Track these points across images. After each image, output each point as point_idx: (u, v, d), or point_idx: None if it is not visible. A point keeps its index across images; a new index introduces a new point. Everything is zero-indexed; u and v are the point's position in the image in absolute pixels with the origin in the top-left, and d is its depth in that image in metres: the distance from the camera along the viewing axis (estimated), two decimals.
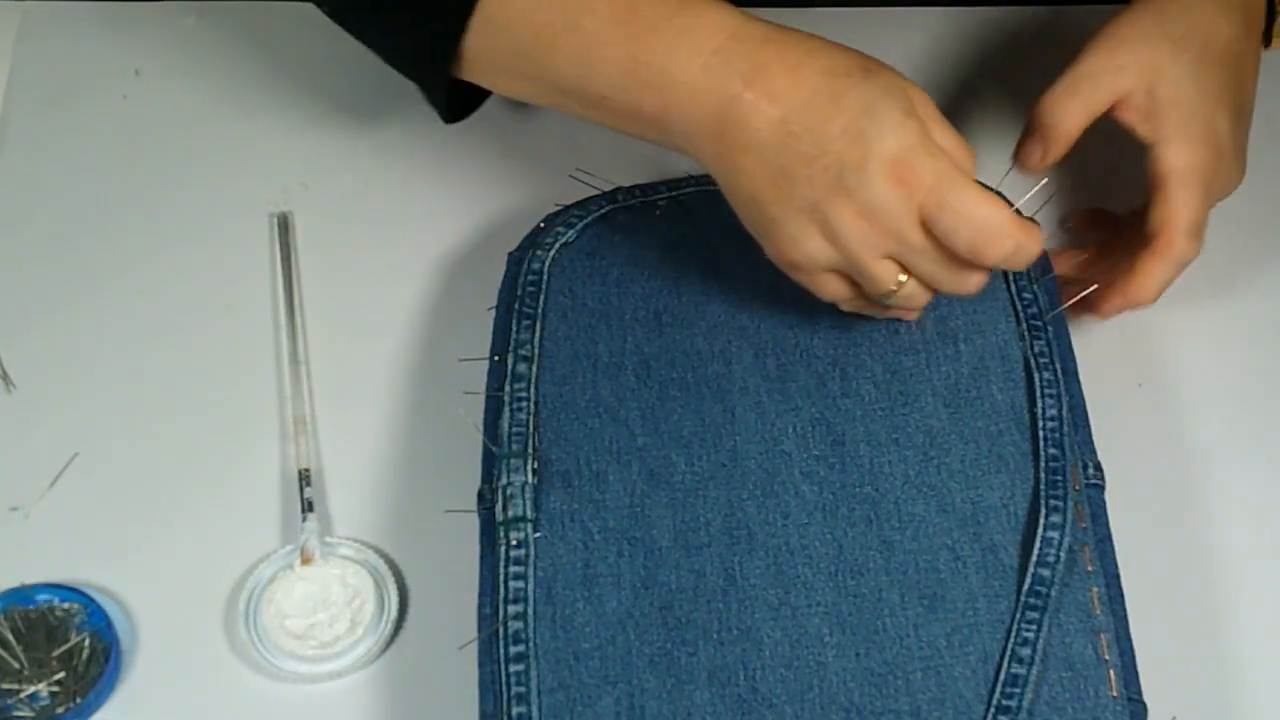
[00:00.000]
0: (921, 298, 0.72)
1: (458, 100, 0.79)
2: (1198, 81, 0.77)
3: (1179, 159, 0.77)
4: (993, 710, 0.67)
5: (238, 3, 0.98)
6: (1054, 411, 0.75)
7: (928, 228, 0.68)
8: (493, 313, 0.79)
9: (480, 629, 0.69)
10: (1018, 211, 0.69)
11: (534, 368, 0.76)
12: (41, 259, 0.87)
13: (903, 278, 0.70)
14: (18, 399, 0.82)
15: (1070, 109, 0.78)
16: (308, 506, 0.77)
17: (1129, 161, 0.80)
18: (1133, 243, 0.80)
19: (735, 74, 0.68)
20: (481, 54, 0.74)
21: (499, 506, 0.71)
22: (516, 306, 0.78)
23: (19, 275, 0.87)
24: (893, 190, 0.67)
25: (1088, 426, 0.77)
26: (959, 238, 0.67)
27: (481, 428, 0.75)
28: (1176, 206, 0.77)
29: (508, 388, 0.75)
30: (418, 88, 0.79)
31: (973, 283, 0.71)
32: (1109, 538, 0.73)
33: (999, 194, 0.71)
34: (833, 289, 0.72)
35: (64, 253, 0.87)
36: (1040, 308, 0.79)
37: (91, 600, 0.74)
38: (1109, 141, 0.80)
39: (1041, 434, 0.74)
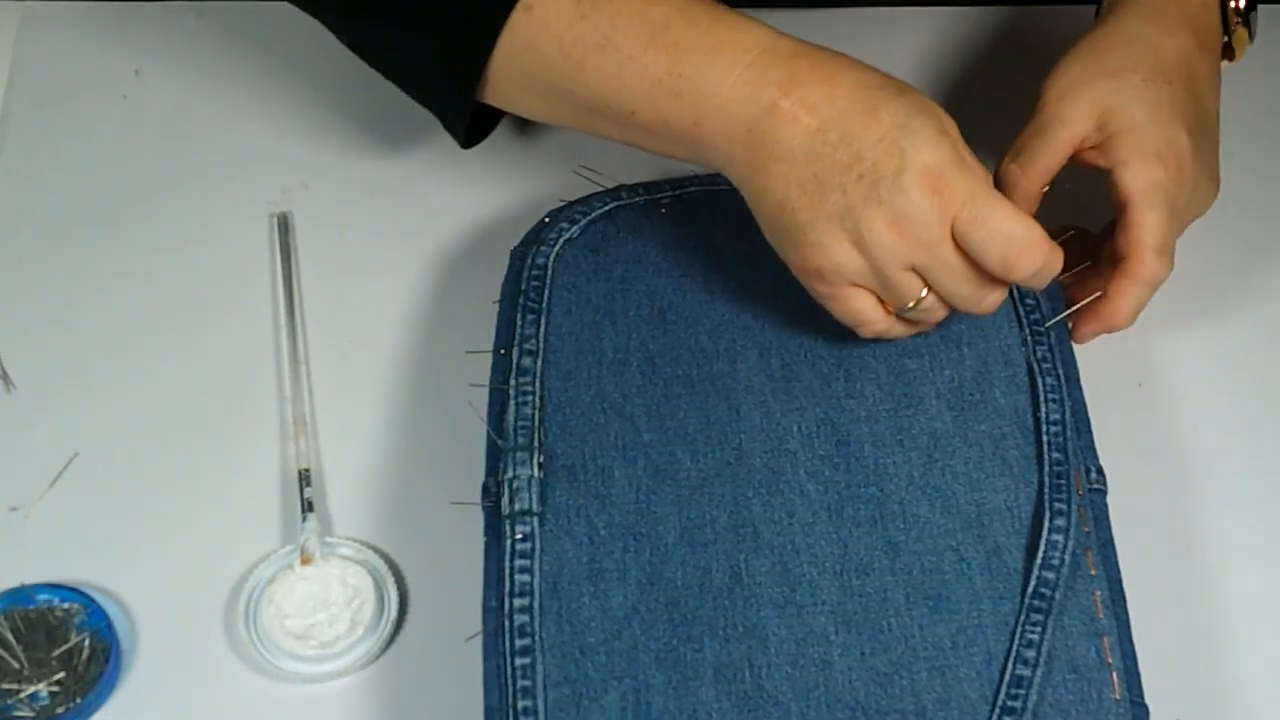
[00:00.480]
0: (938, 312, 0.73)
1: (474, 124, 0.79)
2: (1148, 102, 0.77)
3: (1138, 179, 0.76)
4: (998, 711, 0.67)
5: (238, 3, 0.98)
6: (1057, 416, 0.75)
7: (957, 242, 0.68)
8: (494, 310, 0.79)
9: (486, 622, 0.69)
10: None
11: (539, 362, 0.76)
12: (41, 259, 0.87)
13: (924, 292, 0.71)
14: (18, 399, 0.82)
15: (1026, 172, 0.78)
16: (308, 506, 0.77)
17: None
18: (1107, 268, 0.80)
19: (771, 84, 0.69)
20: (507, 75, 0.74)
21: (504, 499, 0.71)
22: (521, 301, 0.78)
23: (19, 275, 0.86)
24: (926, 201, 0.67)
25: (1090, 432, 0.77)
26: (990, 252, 0.68)
27: (486, 420, 0.75)
28: (1142, 227, 0.76)
29: (513, 381, 0.75)
30: (436, 116, 0.79)
31: (990, 301, 0.72)
32: (1111, 542, 0.73)
33: None
34: (854, 305, 0.72)
35: (64, 253, 0.87)
36: (1042, 314, 0.79)
37: (91, 600, 0.74)
38: None
39: (1045, 438, 0.74)
